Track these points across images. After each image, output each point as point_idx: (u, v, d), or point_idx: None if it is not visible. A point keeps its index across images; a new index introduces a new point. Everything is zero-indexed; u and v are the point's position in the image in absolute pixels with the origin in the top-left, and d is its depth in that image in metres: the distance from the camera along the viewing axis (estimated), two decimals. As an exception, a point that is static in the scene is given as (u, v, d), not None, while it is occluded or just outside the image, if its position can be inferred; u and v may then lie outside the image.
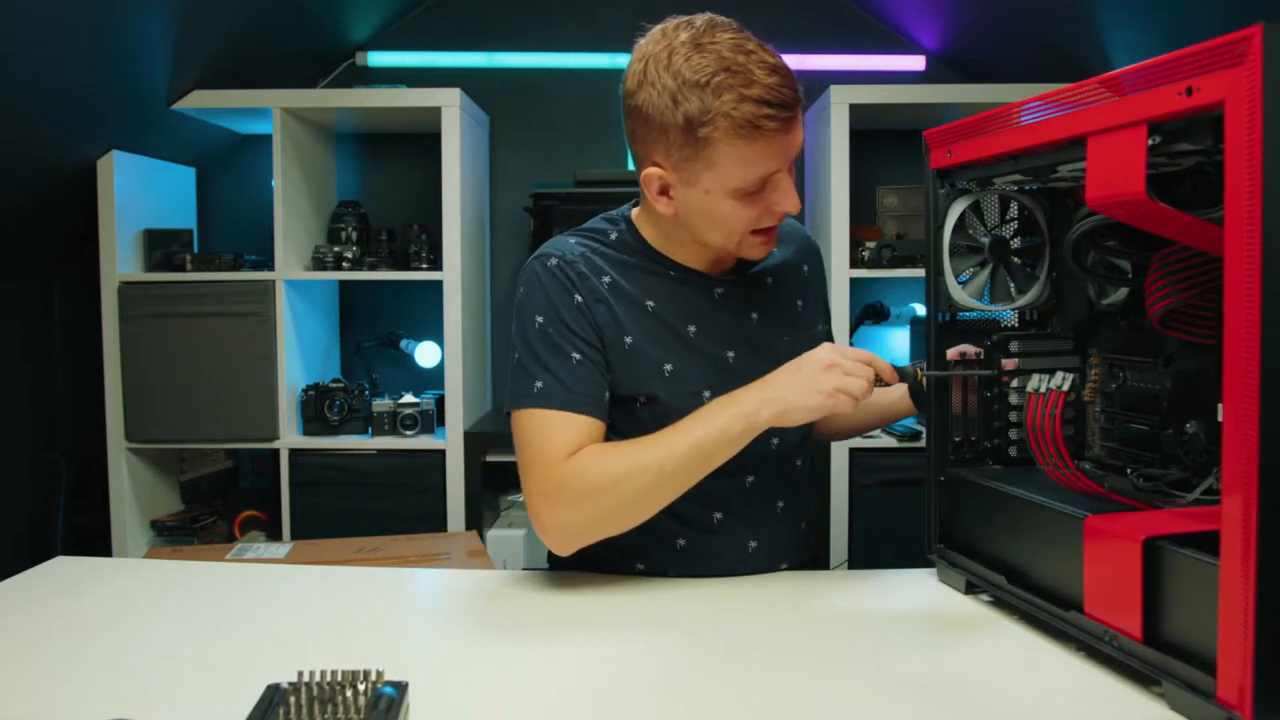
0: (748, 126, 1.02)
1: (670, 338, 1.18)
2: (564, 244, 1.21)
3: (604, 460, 1.10)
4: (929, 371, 1.13)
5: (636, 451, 1.09)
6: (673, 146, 1.07)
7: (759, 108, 1.02)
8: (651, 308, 1.19)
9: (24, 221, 2.28)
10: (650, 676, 0.90)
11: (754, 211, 1.10)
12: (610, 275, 1.19)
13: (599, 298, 1.17)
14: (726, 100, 1.02)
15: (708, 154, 1.05)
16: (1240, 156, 0.69)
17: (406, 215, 2.74)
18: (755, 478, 1.21)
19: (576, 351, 1.14)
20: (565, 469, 1.10)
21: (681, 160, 1.08)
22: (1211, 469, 0.91)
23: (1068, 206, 1.13)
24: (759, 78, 1.02)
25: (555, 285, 1.16)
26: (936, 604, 1.09)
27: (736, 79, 1.02)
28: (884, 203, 2.65)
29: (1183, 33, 2.03)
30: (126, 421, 2.41)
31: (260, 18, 2.39)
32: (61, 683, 0.87)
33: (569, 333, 1.15)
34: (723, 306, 1.22)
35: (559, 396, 1.13)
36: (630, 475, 1.08)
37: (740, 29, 1.07)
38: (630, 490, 1.08)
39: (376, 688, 0.76)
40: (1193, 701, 0.77)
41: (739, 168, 1.06)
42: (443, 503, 2.46)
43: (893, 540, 2.30)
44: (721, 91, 1.02)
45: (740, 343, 1.21)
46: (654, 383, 1.17)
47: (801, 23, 2.83)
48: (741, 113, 1.02)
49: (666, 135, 1.07)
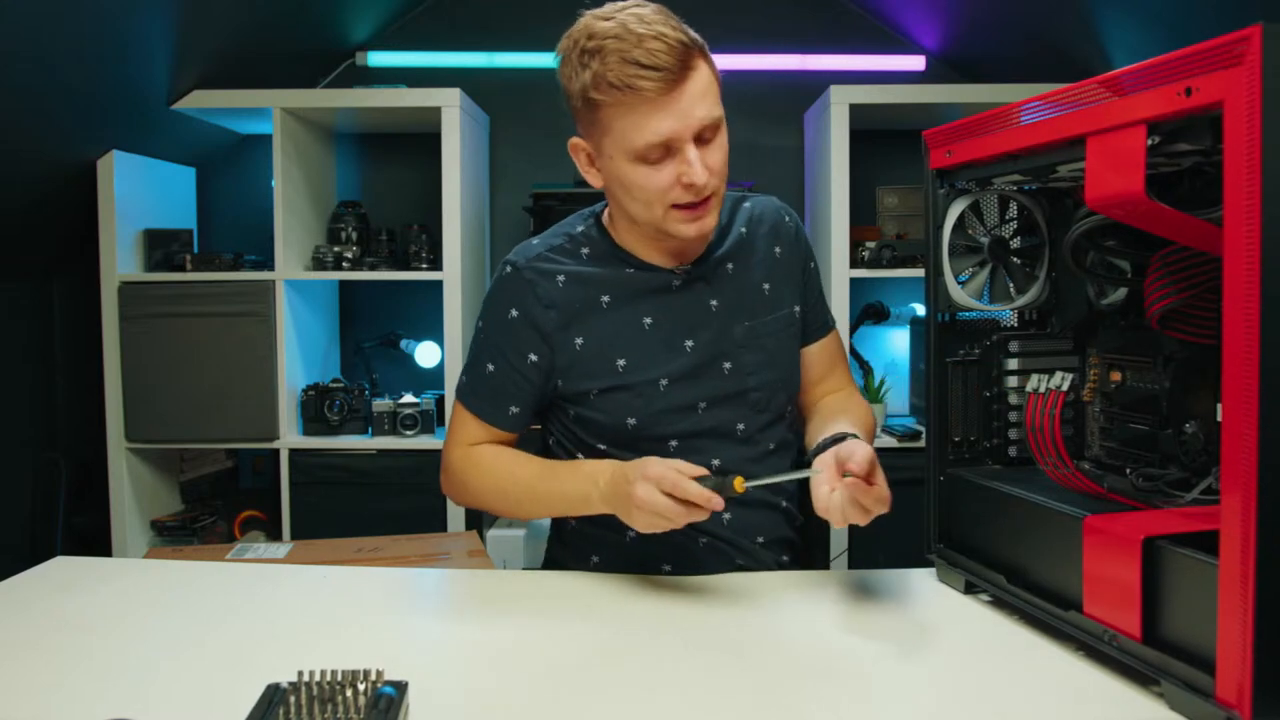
0: (623, 87, 1.08)
1: (626, 331, 1.23)
2: (527, 247, 1.28)
3: (478, 470, 1.25)
4: (751, 483, 1.04)
5: (502, 476, 1.23)
6: (579, 115, 1.16)
7: (634, 68, 1.07)
8: (607, 302, 1.23)
9: (24, 221, 2.28)
10: (650, 676, 0.90)
11: (661, 180, 1.12)
12: (565, 274, 1.24)
13: (549, 303, 1.23)
14: (609, 64, 1.08)
15: (600, 119, 1.12)
16: (1239, 156, 0.69)
17: (406, 215, 2.74)
18: (720, 462, 1.23)
19: (492, 363, 1.25)
20: (454, 457, 1.27)
21: (588, 128, 1.16)
22: (1211, 469, 0.91)
23: (1067, 206, 1.13)
24: (641, 43, 1.08)
25: (498, 296, 1.25)
26: (936, 604, 1.09)
27: (622, 44, 1.08)
28: (884, 203, 2.65)
29: (1182, 33, 2.03)
30: (126, 421, 2.41)
31: (260, 18, 2.39)
32: (61, 683, 0.87)
33: (493, 344, 1.25)
34: (680, 295, 1.25)
35: (469, 399, 1.28)
36: (489, 494, 1.24)
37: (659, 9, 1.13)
38: (490, 503, 1.26)
39: (376, 688, 0.76)
40: (1192, 701, 0.77)
41: (629, 131, 1.10)
42: (443, 503, 2.46)
43: (893, 540, 2.30)
44: (606, 55, 1.09)
45: (697, 331, 1.24)
46: (607, 378, 1.22)
47: (801, 23, 2.83)
48: (616, 74, 1.08)
49: (576, 107, 1.15)
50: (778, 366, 1.28)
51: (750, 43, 2.81)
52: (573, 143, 1.20)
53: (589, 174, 1.21)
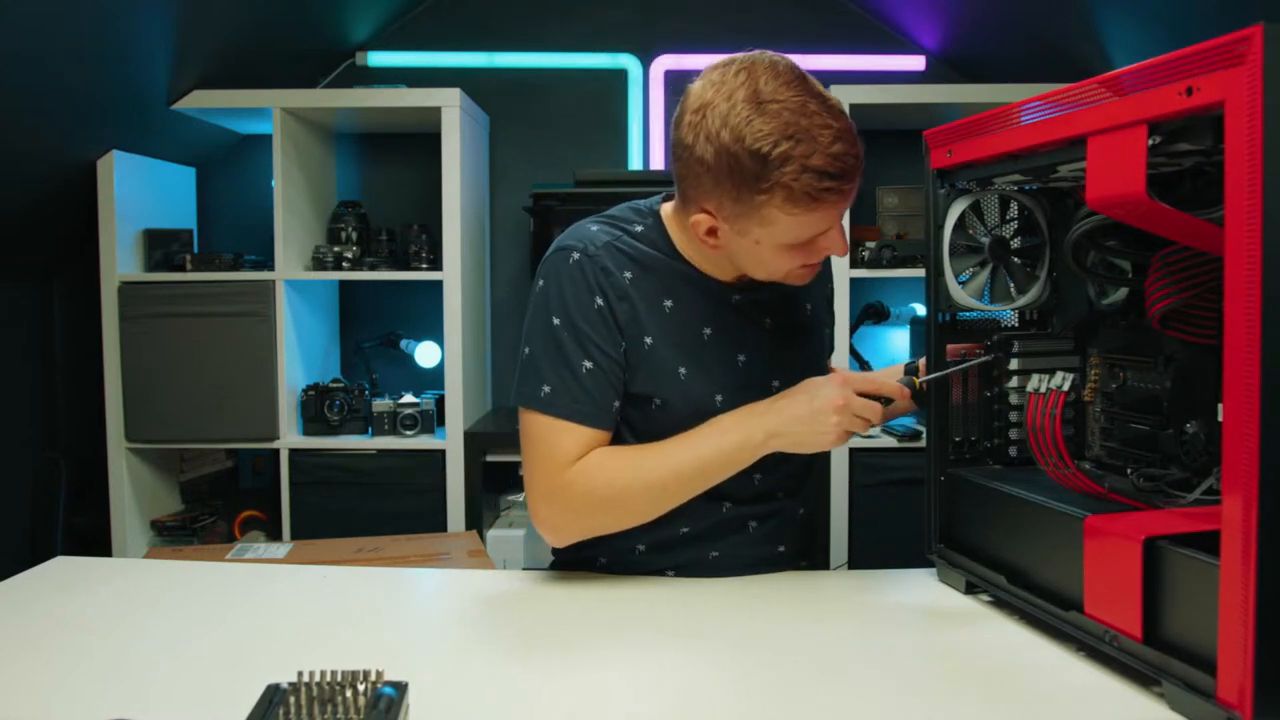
0: (807, 199, 0.99)
1: (686, 339, 1.17)
2: (588, 233, 1.17)
3: (607, 472, 1.11)
4: (926, 376, 1.13)
5: (639, 466, 1.10)
6: (725, 200, 1.04)
7: (820, 180, 0.98)
8: (669, 307, 1.17)
9: (24, 221, 2.28)
10: (650, 676, 0.90)
11: (802, 257, 1.09)
12: (632, 270, 1.16)
13: (622, 294, 1.14)
14: (788, 172, 0.98)
15: (763, 214, 1.02)
16: (1240, 156, 0.69)
17: (406, 215, 2.74)
18: (760, 477, 1.21)
19: (589, 359, 1.12)
20: (569, 475, 1.11)
21: (734, 214, 1.04)
22: (1211, 469, 0.91)
23: (1068, 206, 1.13)
24: (822, 145, 0.98)
25: (576, 284, 1.13)
26: (936, 604, 1.09)
27: (799, 148, 0.97)
28: (884, 203, 2.65)
29: (1183, 33, 2.03)
30: (126, 421, 2.41)
31: (260, 18, 2.39)
32: (61, 683, 0.87)
33: (585, 338, 1.12)
34: (738, 313, 1.21)
35: (566, 406, 1.12)
36: (631, 491, 1.10)
37: (800, 77, 1.02)
38: (629, 505, 1.12)
39: (376, 688, 0.76)
40: (1193, 701, 0.77)
41: (794, 230, 1.04)
42: (443, 503, 2.46)
43: (893, 540, 2.30)
44: (783, 163, 0.97)
45: (752, 349, 1.21)
46: (669, 384, 1.16)
47: (801, 22, 2.83)
48: (802, 184, 0.98)
49: (720, 190, 1.03)
50: None
51: (750, 43, 2.80)
52: (696, 220, 1.08)
53: (704, 243, 1.10)
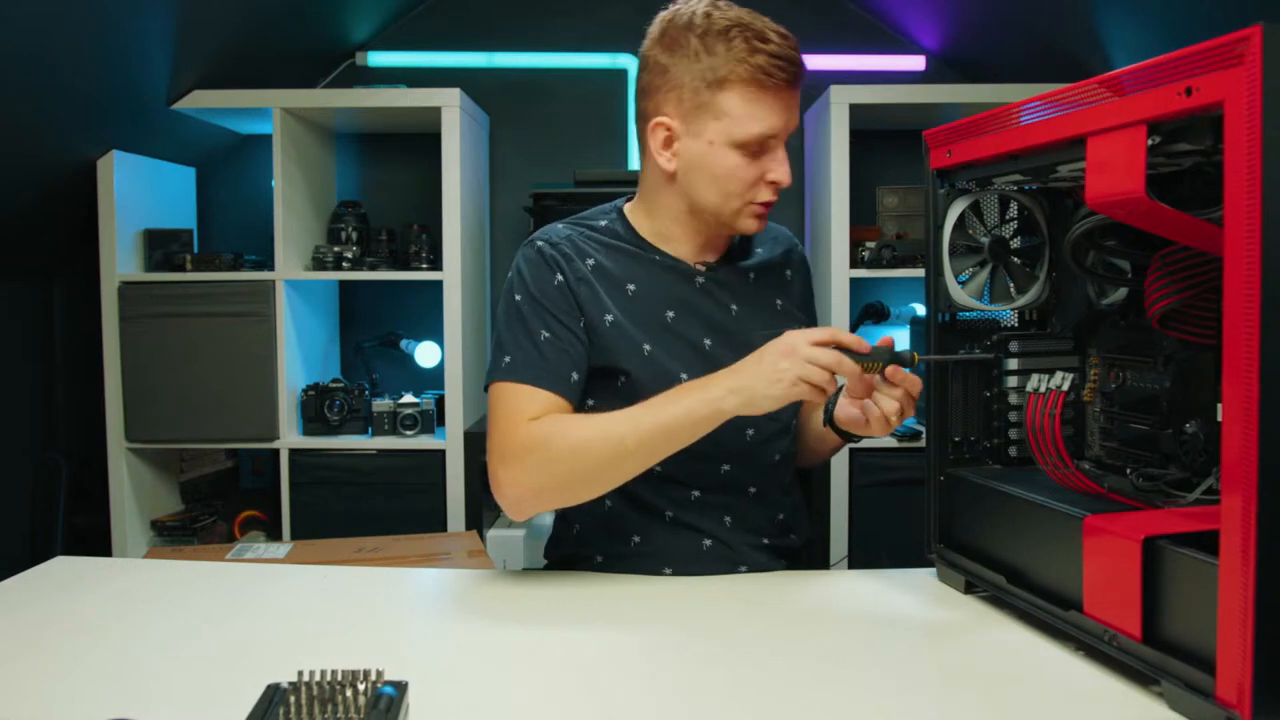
0: (760, 75, 1.11)
1: (649, 321, 1.22)
2: (552, 229, 1.27)
3: (566, 426, 1.13)
4: (926, 356, 1.13)
5: (600, 423, 1.11)
6: (686, 94, 1.15)
7: (771, 60, 1.11)
8: (632, 291, 1.23)
9: (24, 221, 2.28)
10: (650, 675, 0.90)
11: (752, 172, 1.16)
12: (594, 258, 1.24)
13: (581, 278, 1.22)
14: (741, 49, 1.11)
15: (719, 102, 1.13)
16: (1240, 156, 0.69)
17: (406, 215, 2.74)
18: (730, 466, 1.24)
19: (546, 330, 1.18)
20: (526, 431, 1.13)
21: (693, 109, 1.15)
22: (1211, 469, 0.91)
23: (1067, 206, 1.13)
24: (772, 36, 1.13)
25: (535, 265, 1.22)
26: (936, 604, 1.09)
27: (752, 33, 1.12)
28: (884, 203, 2.64)
29: (1183, 33, 2.03)
30: (126, 421, 2.41)
31: (260, 18, 2.38)
32: (61, 683, 0.87)
33: (543, 311, 1.19)
34: (703, 295, 1.25)
35: (526, 371, 1.17)
36: (591, 444, 1.09)
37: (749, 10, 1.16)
38: (589, 460, 1.10)
39: (376, 688, 0.76)
40: (1192, 701, 0.77)
41: (746, 119, 1.13)
42: (443, 503, 2.46)
43: (893, 540, 2.30)
44: (738, 41, 1.11)
45: (717, 332, 1.24)
46: (633, 360, 1.20)
47: (801, 23, 2.80)
48: (755, 62, 1.11)
49: (682, 86, 1.15)
50: None
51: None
52: (655, 124, 1.18)
53: (660, 155, 1.19)
